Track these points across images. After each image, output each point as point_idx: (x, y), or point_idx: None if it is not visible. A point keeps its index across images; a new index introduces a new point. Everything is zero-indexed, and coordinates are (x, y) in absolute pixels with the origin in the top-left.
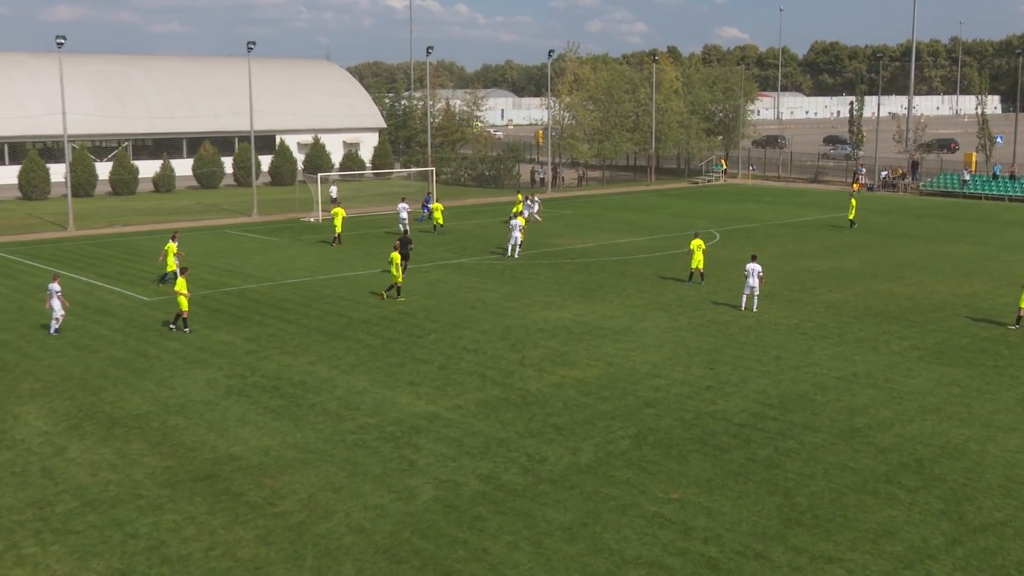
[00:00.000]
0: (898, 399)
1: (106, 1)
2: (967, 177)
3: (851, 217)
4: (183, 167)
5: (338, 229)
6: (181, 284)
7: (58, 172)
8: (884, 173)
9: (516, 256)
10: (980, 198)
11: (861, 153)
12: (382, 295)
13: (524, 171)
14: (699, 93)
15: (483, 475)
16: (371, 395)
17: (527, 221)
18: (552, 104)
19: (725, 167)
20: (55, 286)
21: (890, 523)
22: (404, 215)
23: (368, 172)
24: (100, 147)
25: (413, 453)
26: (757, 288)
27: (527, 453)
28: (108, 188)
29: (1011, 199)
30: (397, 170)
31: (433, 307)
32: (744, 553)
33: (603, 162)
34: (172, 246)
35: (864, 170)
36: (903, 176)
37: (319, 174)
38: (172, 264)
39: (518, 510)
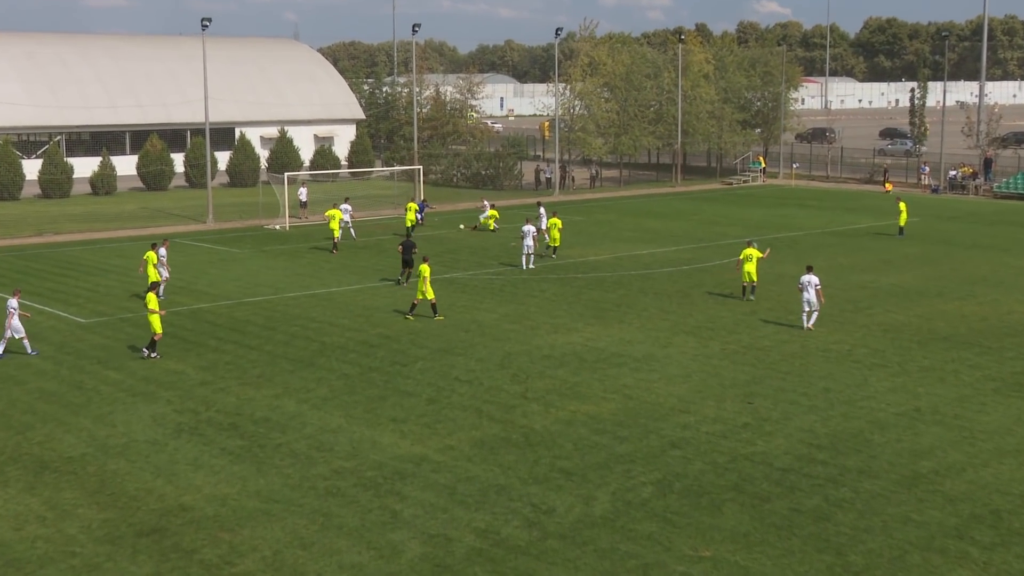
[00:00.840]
0: (970, 439)
1: None
2: None
3: (901, 224)
4: (126, 165)
5: (336, 234)
6: (152, 301)
7: None
8: (952, 173)
9: (532, 266)
10: None
11: (924, 149)
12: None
13: (527, 170)
14: (733, 78)
15: (479, 529)
16: (347, 434)
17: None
18: (561, 91)
19: (764, 165)
20: (14, 302)
21: None
22: (347, 217)
23: (344, 171)
24: (28, 142)
25: (397, 503)
26: (816, 303)
27: (531, 503)
28: (37, 190)
29: None
30: (378, 169)
31: (420, 330)
32: None
33: (620, 160)
34: (152, 255)
35: (928, 168)
36: (974, 176)
37: (286, 174)
38: (154, 275)
39: (520, 571)
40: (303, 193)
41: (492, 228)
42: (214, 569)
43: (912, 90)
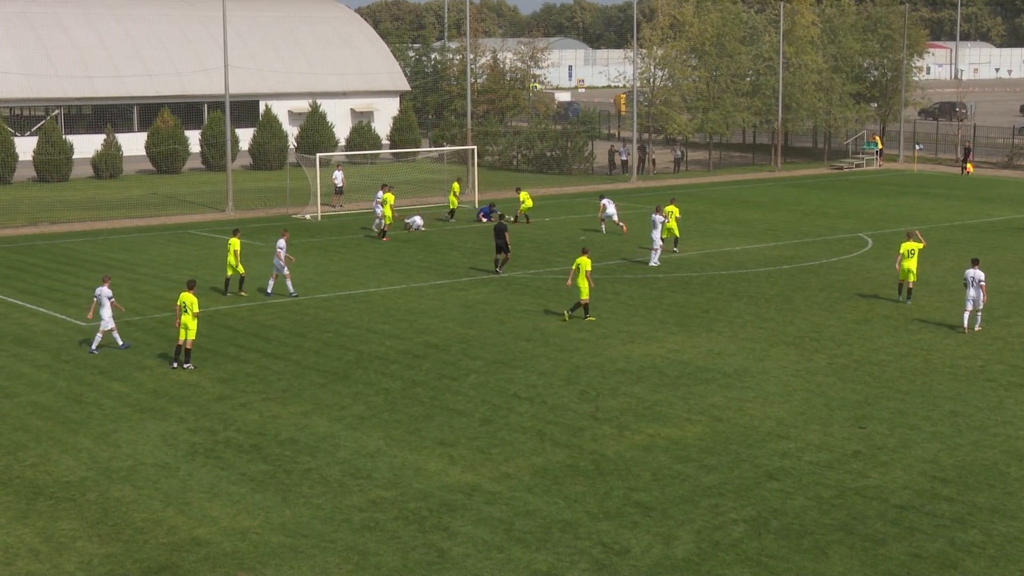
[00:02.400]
0: None
1: None
2: None
3: None
4: (133, 144)
5: (388, 219)
6: (192, 301)
7: None
8: None
9: (657, 263)
10: None
11: None
12: (564, 316)
13: (600, 151)
14: (845, 43)
15: (541, 572)
16: (387, 459)
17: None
18: (640, 59)
19: (880, 146)
20: (105, 290)
21: None
22: (380, 209)
23: (385, 152)
24: (21, 117)
25: (444, 540)
26: (980, 301)
27: (602, 542)
28: (32, 173)
29: None
30: (425, 149)
31: (473, 338)
32: None
33: (710, 139)
34: (235, 241)
35: (970, 144)
36: None
37: (318, 155)
38: (238, 266)
39: None
40: (338, 178)
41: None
42: None
43: None
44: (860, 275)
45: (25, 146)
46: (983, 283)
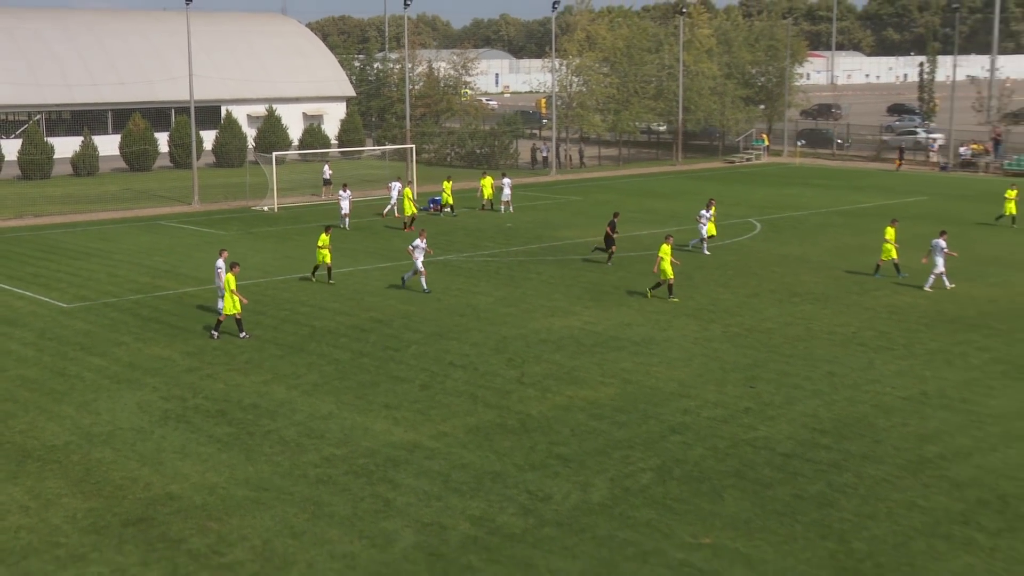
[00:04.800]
0: (977, 423)
1: None
2: None
3: (1012, 213)
4: (108, 145)
5: (408, 211)
6: (232, 281)
7: None
8: (963, 150)
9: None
10: None
11: (933, 125)
12: (647, 293)
13: (524, 149)
14: (737, 53)
15: (474, 516)
16: (338, 420)
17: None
18: (558, 67)
19: (767, 143)
20: (221, 262)
21: (967, 573)
22: (346, 206)
23: (334, 151)
24: (6, 121)
25: (389, 491)
26: (941, 267)
27: (527, 490)
28: (16, 171)
29: None
30: (369, 148)
31: (413, 313)
32: None
33: (619, 137)
34: (326, 238)
35: (937, 145)
36: (984, 153)
37: (274, 153)
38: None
39: (517, 559)
40: (326, 171)
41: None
42: (202, 559)
43: (921, 64)
44: (751, 255)
45: (10, 147)
46: (946, 250)
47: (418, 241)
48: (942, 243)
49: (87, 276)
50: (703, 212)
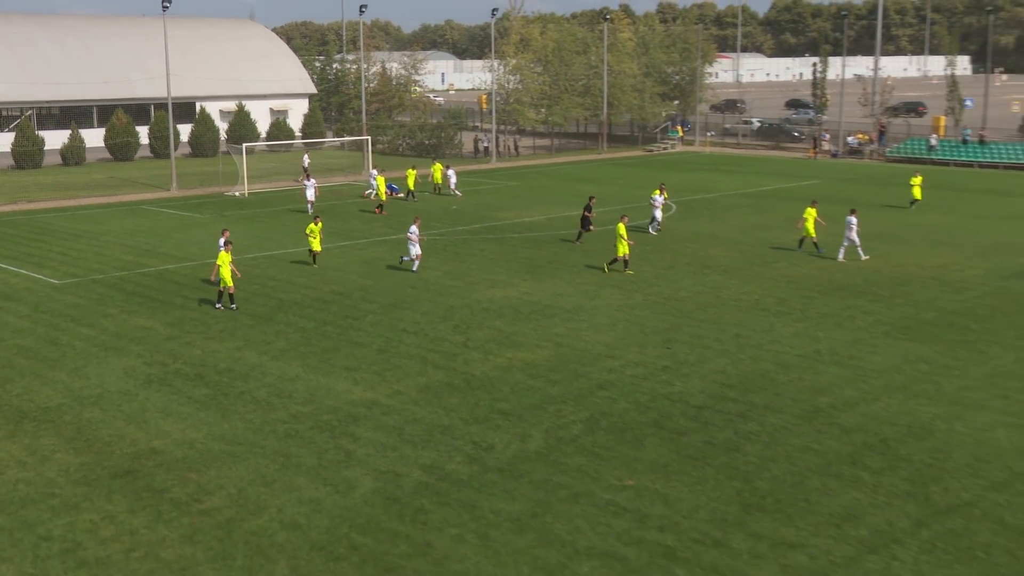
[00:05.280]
0: (863, 377)
1: None
2: (934, 142)
3: (917, 197)
4: (94, 137)
5: (383, 196)
6: (223, 258)
7: None
8: (850, 139)
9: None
10: (948, 164)
11: (825, 118)
12: (604, 268)
13: (467, 140)
14: (654, 55)
15: (425, 465)
16: (304, 382)
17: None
18: (496, 67)
19: (681, 134)
20: (222, 241)
21: (854, 506)
22: (311, 194)
23: (298, 142)
24: (0, 117)
25: (350, 443)
26: (854, 239)
27: (472, 441)
28: (10, 161)
29: (980, 165)
30: (329, 139)
31: (370, 287)
32: (702, 541)
33: (551, 129)
34: (314, 227)
35: (828, 136)
36: (869, 142)
37: (244, 144)
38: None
39: (463, 501)
40: (306, 160)
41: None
42: (183, 506)
43: (814, 64)
44: (668, 233)
45: (4, 140)
46: (855, 226)
47: (413, 227)
48: (853, 220)
49: (76, 255)
50: (656, 196)
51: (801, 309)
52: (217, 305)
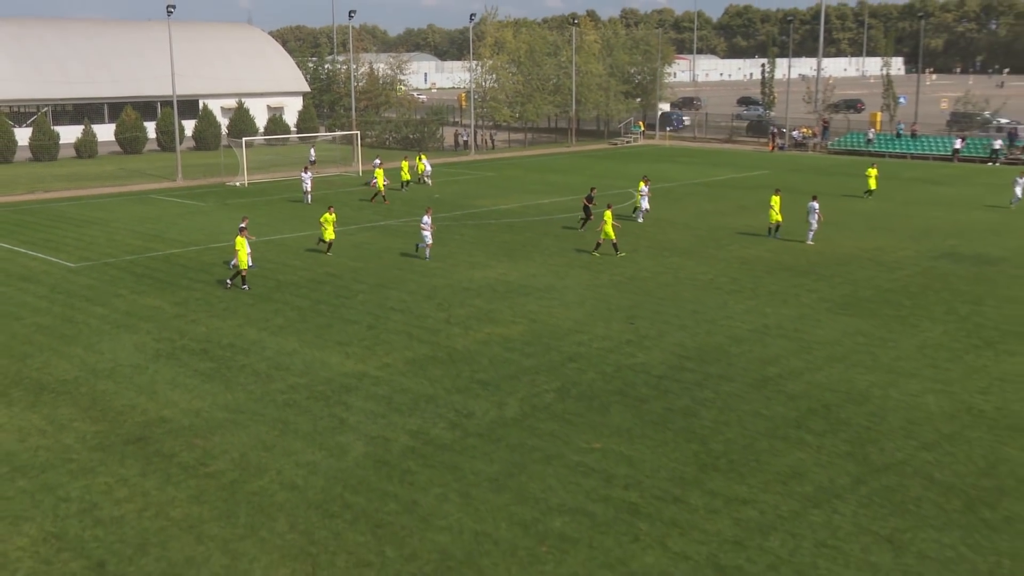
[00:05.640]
0: (807, 349)
1: None
2: (872, 136)
3: (872, 187)
4: (105, 132)
5: (380, 186)
6: (240, 243)
7: None
8: (795, 133)
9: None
10: (884, 156)
11: (773, 114)
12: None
13: (448, 134)
14: (618, 57)
15: (412, 431)
16: (300, 356)
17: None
18: (474, 67)
19: (643, 128)
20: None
21: (799, 465)
22: (307, 185)
23: (293, 136)
24: (18, 113)
25: (343, 411)
26: (817, 223)
27: (454, 408)
28: (28, 154)
29: (913, 157)
30: (322, 134)
31: (360, 268)
32: (663, 498)
33: (525, 124)
34: (329, 216)
35: (776, 130)
36: (813, 136)
37: (244, 138)
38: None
39: (446, 463)
40: (312, 154)
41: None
42: (191, 470)
43: (763, 65)
44: (630, 218)
45: (22, 135)
46: (818, 211)
47: (426, 218)
48: (815, 205)
49: (90, 241)
50: (642, 187)
51: (752, 288)
52: (228, 283)
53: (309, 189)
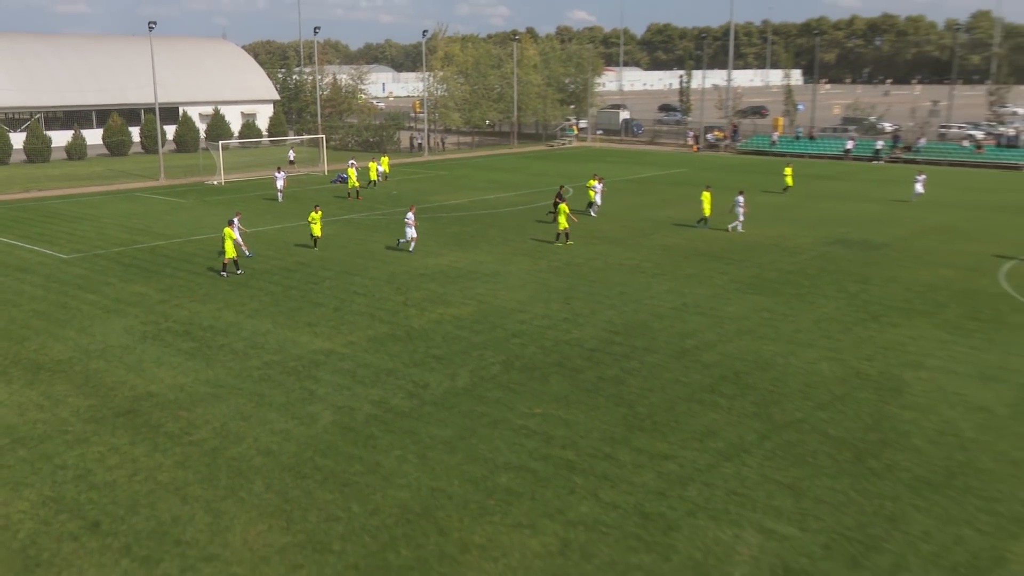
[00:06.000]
0: (720, 323)
1: None
2: (775, 139)
3: (789, 184)
4: (94, 137)
5: (352, 183)
6: (229, 234)
7: None
8: (709, 136)
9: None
10: (785, 156)
11: (689, 119)
12: (555, 242)
13: (404, 137)
14: (554, 69)
15: (374, 400)
16: (274, 335)
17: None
18: (427, 78)
19: (576, 132)
20: (410, 215)
21: (713, 425)
22: (280, 184)
23: (265, 140)
24: (13, 119)
25: (313, 384)
26: (742, 214)
27: (412, 380)
28: (23, 157)
29: (810, 156)
30: (291, 138)
31: (327, 258)
32: (596, 455)
33: (472, 128)
34: (315, 215)
35: (692, 133)
36: (725, 138)
37: (220, 141)
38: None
39: (405, 429)
40: (291, 155)
41: (353, 185)
42: (176, 438)
43: (681, 76)
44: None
45: (17, 139)
46: (743, 204)
47: (409, 215)
48: (740, 199)
49: (81, 235)
50: (596, 184)
51: (672, 271)
52: (223, 274)
53: (281, 187)
